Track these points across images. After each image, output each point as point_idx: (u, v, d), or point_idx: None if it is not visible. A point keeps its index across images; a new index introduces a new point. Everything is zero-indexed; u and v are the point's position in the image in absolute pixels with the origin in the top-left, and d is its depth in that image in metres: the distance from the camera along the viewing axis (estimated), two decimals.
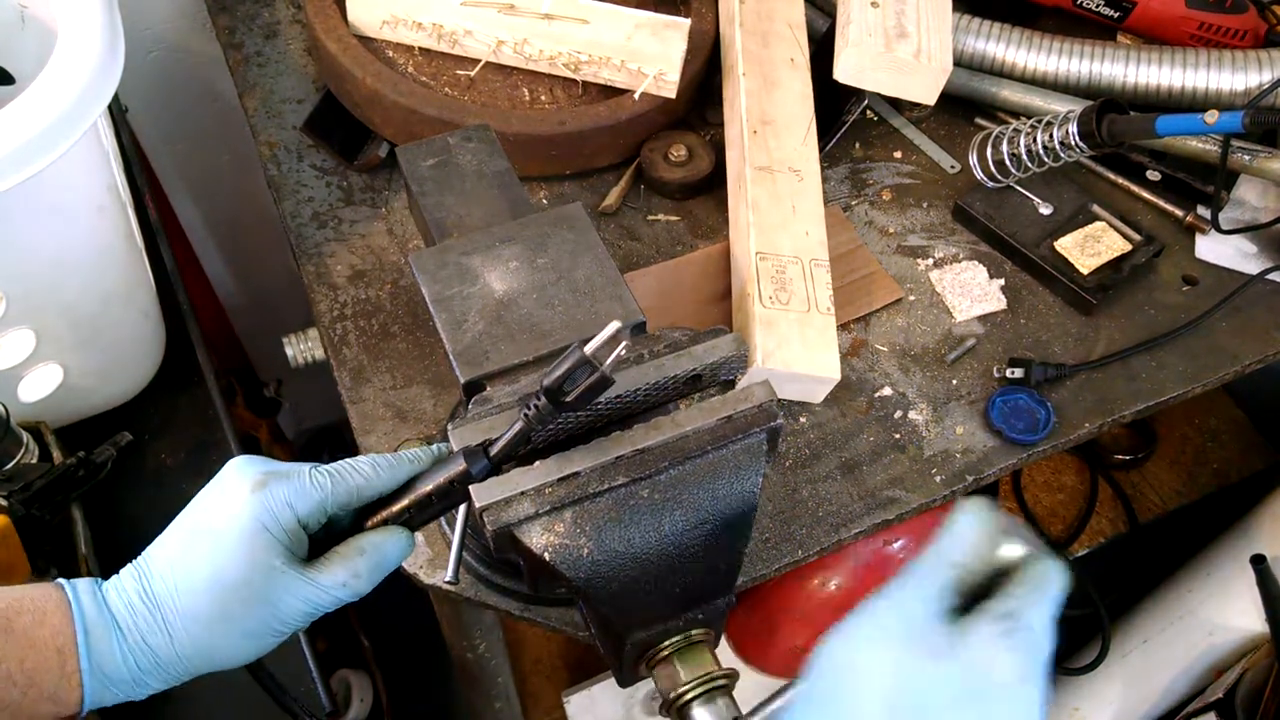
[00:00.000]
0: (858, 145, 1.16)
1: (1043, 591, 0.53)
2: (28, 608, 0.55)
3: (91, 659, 0.55)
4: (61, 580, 0.57)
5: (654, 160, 1.07)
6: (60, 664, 0.54)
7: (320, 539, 0.60)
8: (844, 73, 1.05)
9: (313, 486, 0.58)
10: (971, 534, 0.54)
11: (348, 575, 0.58)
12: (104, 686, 0.55)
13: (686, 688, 0.61)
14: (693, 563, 0.62)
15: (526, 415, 0.58)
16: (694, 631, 0.63)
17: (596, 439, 0.61)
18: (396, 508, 0.61)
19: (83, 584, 0.57)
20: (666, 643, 0.63)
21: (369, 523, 0.62)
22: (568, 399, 0.56)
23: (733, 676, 0.63)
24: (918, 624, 0.51)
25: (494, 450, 0.60)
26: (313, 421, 1.92)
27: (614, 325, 0.55)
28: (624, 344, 0.56)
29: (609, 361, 0.55)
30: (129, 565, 0.58)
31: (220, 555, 0.56)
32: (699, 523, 0.62)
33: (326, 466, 0.60)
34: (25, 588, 0.56)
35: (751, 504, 0.63)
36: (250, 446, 0.98)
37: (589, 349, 0.55)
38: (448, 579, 0.63)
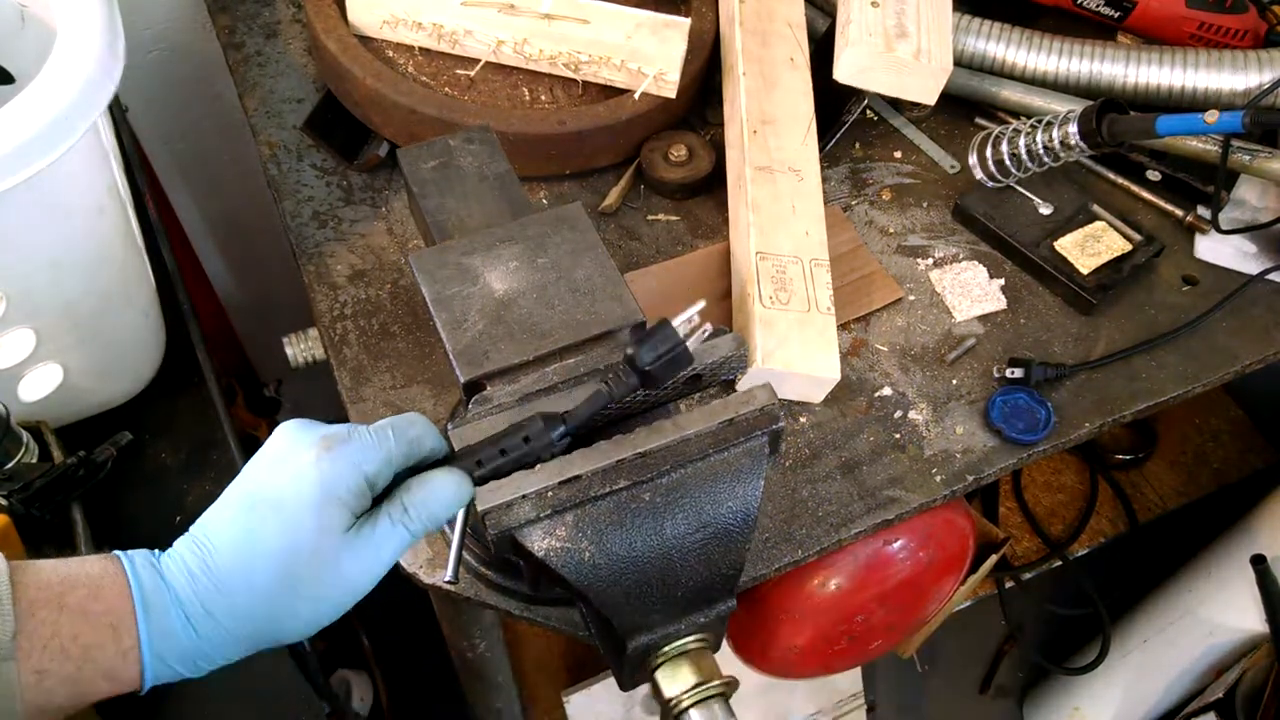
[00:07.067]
0: (858, 145, 1.16)
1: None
2: (82, 582, 0.53)
3: (151, 634, 0.53)
4: (118, 553, 0.55)
5: (654, 160, 1.07)
6: (116, 640, 0.52)
7: (380, 498, 0.59)
8: (844, 72, 1.05)
9: (375, 442, 0.57)
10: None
11: (398, 513, 0.57)
12: (163, 663, 0.54)
13: (685, 695, 0.61)
14: (694, 566, 0.62)
15: (607, 383, 0.58)
16: (694, 637, 0.63)
17: (597, 441, 0.61)
18: (464, 458, 0.60)
19: (139, 556, 0.55)
20: (667, 648, 0.63)
21: None
22: (649, 369, 0.57)
23: (731, 684, 0.62)
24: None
25: (571, 419, 0.60)
26: None
27: (700, 304, 0.58)
28: (707, 327, 0.59)
29: (692, 340, 0.58)
30: (183, 539, 0.56)
31: (289, 528, 0.54)
32: (700, 526, 0.62)
33: (378, 422, 0.58)
34: (81, 560, 0.54)
35: (753, 507, 0.63)
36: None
37: (675, 322, 0.57)
38: (447, 579, 0.63)
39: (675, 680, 0.62)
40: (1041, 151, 1.04)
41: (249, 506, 0.56)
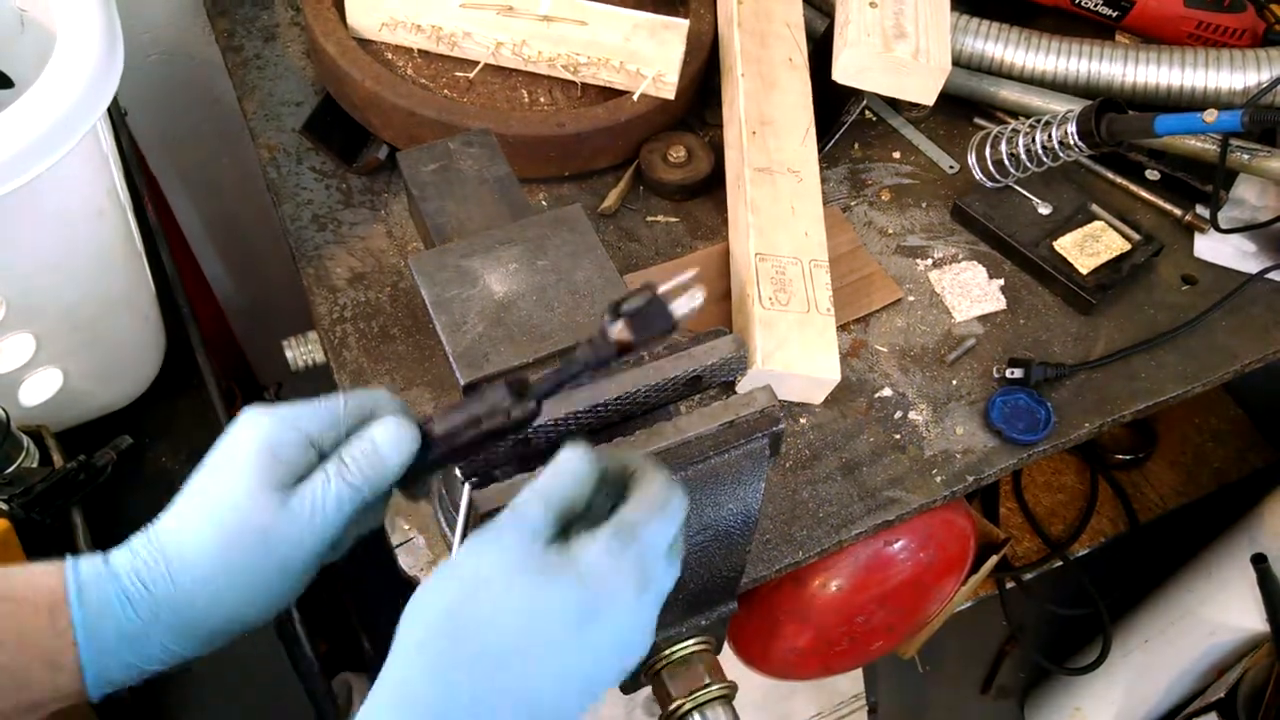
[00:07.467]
0: (857, 145, 1.16)
1: (662, 508, 0.51)
2: (17, 573, 0.53)
3: (85, 611, 0.51)
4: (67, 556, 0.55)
5: (653, 161, 1.07)
6: (52, 622, 0.51)
7: None
8: (843, 73, 1.05)
9: (323, 404, 0.56)
10: (572, 469, 0.52)
11: (334, 466, 0.54)
12: (100, 641, 0.52)
13: (687, 699, 0.61)
14: (695, 569, 0.62)
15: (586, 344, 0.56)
16: (696, 640, 0.63)
17: (598, 444, 0.61)
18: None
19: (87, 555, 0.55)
20: (669, 651, 0.63)
21: None
22: (623, 315, 0.54)
23: (732, 688, 0.62)
24: (520, 551, 0.49)
25: (539, 382, 0.57)
26: None
27: (691, 272, 0.54)
28: (697, 294, 0.55)
29: (676, 306, 0.54)
30: None
31: (220, 480, 0.53)
32: (701, 528, 0.62)
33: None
34: (25, 565, 0.54)
35: (754, 509, 0.63)
36: None
37: (661, 289, 0.54)
38: None
39: (677, 683, 0.62)
40: (1040, 151, 1.04)
41: (194, 481, 0.55)
